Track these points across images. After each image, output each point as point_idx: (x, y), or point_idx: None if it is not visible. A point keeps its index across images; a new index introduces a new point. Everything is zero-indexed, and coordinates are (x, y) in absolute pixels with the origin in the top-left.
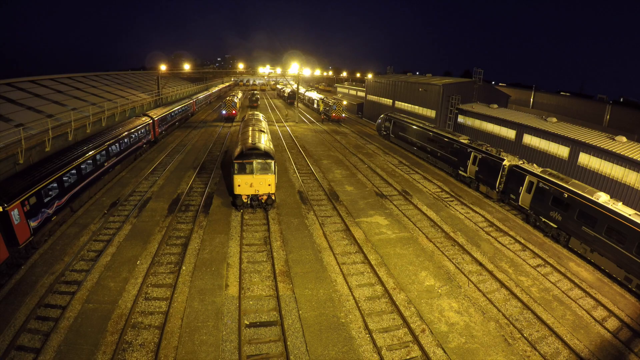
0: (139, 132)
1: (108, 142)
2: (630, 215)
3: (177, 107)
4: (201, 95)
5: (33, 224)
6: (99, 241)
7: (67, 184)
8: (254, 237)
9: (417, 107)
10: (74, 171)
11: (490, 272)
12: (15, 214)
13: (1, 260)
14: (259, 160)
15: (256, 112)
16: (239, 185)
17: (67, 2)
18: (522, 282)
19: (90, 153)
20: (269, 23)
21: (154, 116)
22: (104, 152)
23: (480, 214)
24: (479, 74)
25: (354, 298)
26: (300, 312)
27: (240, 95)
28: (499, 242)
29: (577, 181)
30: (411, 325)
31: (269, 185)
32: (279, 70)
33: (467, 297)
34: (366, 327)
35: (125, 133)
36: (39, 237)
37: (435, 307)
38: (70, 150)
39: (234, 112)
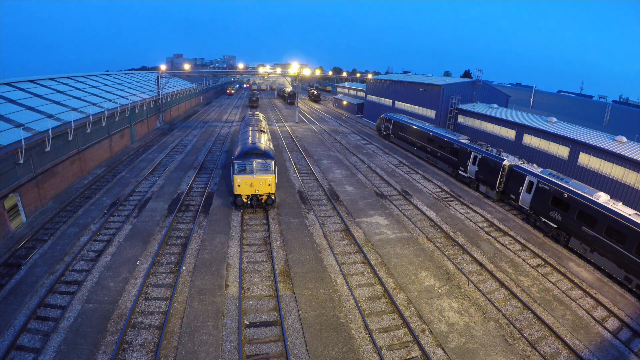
0: None
1: None
2: (630, 215)
3: None
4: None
5: None
6: (99, 241)
7: None
8: (254, 237)
9: (417, 107)
10: None
11: (490, 272)
12: None
13: None
14: (259, 160)
15: (256, 112)
16: (239, 185)
17: (67, 3)
18: (522, 282)
19: None
20: (269, 23)
21: None
22: None
23: (480, 214)
24: (479, 74)
25: (354, 298)
26: (300, 312)
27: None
28: (499, 242)
29: (577, 181)
30: (411, 325)
31: (269, 185)
32: (279, 70)
33: (467, 297)
34: (366, 327)
35: None
36: None
37: (435, 307)
38: None
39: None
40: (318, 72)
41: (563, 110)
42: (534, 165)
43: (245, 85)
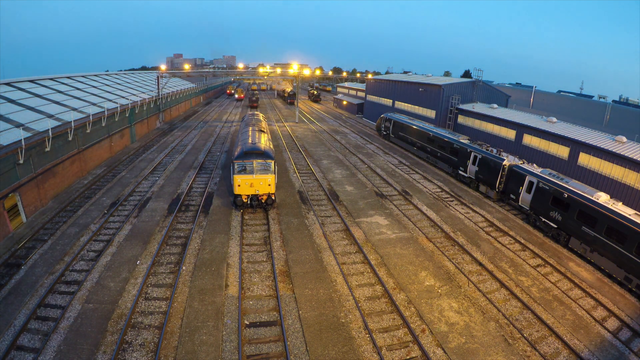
0: None
1: None
2: (630, 215)
3: None
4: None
5: None
6: (99, 241)
7: None
8: (254, 237)
9: (417, 107)
10: None
11: (490, 272)
12: None
13: None
14: (259, 160)
15: (256, 112)
16: (239, 185)
17: (67, 3)
18: (522, 282)
19: None
20: (269, 23)
21: None
22: None
23: (480, 214)
24: (479, 74)
25: (354, 298)
26: (300, 312)
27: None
28: (499, 242)
29: (577, 181)
30: (411, 325)
31: (269, 185)
32: (279, 70)
33: (467, 297)
34: (366, 327)
35: None
36: None
37: (435, 307)
38: None
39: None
40: (318, 72)
41: (563, 110)
42: (534, 165)
43: (245, 82)
